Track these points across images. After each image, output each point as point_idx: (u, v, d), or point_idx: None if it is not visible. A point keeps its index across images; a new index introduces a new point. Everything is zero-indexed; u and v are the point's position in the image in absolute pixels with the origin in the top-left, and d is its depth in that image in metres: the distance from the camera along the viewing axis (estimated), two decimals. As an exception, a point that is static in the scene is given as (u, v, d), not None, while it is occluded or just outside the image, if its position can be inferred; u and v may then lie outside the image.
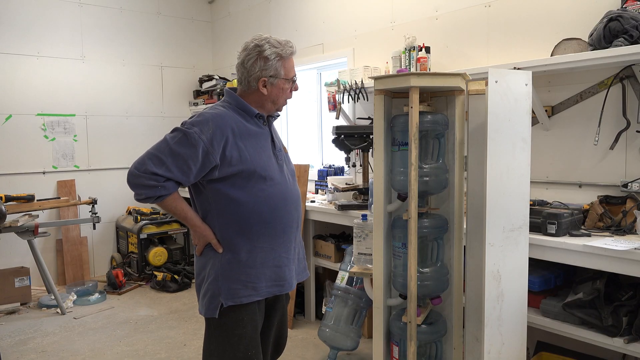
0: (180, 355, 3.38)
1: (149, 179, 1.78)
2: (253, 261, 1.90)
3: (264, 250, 1.91)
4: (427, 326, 2.08)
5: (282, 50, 1.90)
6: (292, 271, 2.03)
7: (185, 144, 1.78)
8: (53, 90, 4.97)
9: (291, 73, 1.95)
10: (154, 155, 1.80)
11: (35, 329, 3.87)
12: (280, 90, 1.94)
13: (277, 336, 2.13)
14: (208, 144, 1.78)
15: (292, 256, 2.02)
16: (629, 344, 2.11)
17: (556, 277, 2.52)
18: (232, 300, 1.87)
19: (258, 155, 1.88)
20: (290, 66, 1.94)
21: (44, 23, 4.89)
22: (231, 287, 1.87)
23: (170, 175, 1.79)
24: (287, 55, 1.92)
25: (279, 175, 1.94)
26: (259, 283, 1.90)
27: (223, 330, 1.89)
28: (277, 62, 1.89)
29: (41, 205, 4.28)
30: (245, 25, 5.43)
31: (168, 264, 5.02)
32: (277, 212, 1.92)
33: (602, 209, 2.48)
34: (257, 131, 1.92)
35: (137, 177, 1.79)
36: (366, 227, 2.42)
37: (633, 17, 2.35)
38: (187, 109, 5.84)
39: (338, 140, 3.36)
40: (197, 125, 1.80)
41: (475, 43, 3.26)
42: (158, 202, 1.84)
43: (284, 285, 1.98)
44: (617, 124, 2.60)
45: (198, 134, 1.78)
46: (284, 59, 1.91)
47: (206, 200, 1.91)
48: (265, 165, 1.89)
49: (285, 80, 1.93)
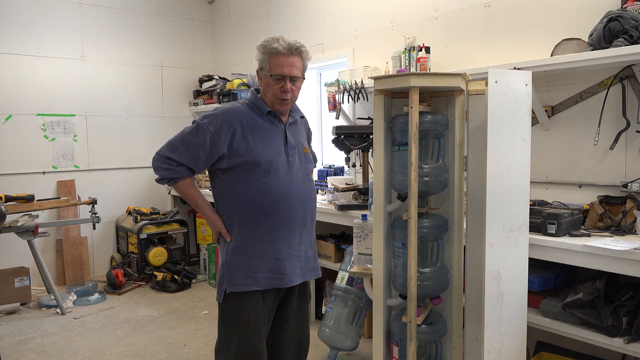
0: (180, 355, 3.38)
1: (164, 162, 2.02)
2: (254, 251, 2.00)
3: (264, 242, 2.00)
4: (427, 326, 2.08)
5: (267, 43, 1.98)
6: (295, 267, 2.07)
7: (196, 134, 1.98)
8: (53, 90, 4.97)
9: (275, 70, 1.97)
10: (171, 142, 2.03)
11: (35, 329, 3.87)
12: (267, 85, 2.02)
13: (298, 337, 2.17)
14: (215, 135, 1.95)
15: (296, 252, 2.07)
16: (628, 344, 2.11)
17: (556, 277, 2.52)
18: (233, 287, 1.99)
19: (265, 149, 1.99)
20: (275, 63, 1.97)
21: (44, 23, 4.89)
22: (234, 274, 2.00)
23: (181, 160, 2.00)
24: (272, 51, 1.96)
25: (286, 170, 2.03)
26: (259, 274, 2.00)
27: (227, 317, 2.01)
28: (262, 55, 2.00)
29: (41, 205, 4.28)
30: (245, 26, 5.43)
31: (168, 264, 5.02)
32: (278, 205, 2.00)
33: (602, 209, 2.48)
34: (269, 128, 2.04)
35: (156, 160, 2.04)
36: (366, 227, 2.42)
37: (633, 17, 2.34)
38: (187, 109, 5.84)
39: (338, 140, 3.36)
40: (208, 117, 1.99)
41: (475, 43, 3.26)
42: (171, 184, 2.06)
43: (283, 279, 2.04)
44: (617, 124, 2.60)
45: (207, 125, 1.96)
46: (268, 54, 1.98)
47: (218, 190, 2.08)
48: (271, 159, 1.99)
49: (270, 76, 1.99)
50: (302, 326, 2.19)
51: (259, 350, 1.97)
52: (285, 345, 2.12)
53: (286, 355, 2.13)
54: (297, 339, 2.16)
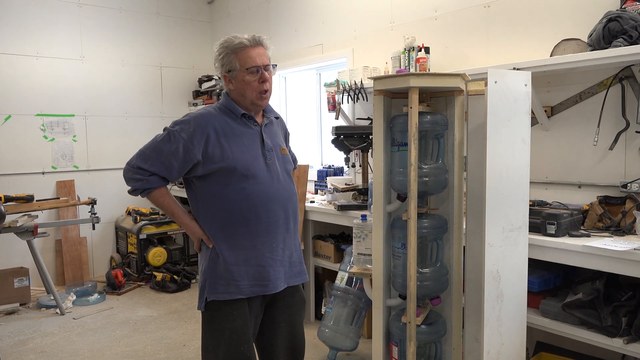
0: (179, 355, 3.38)
1: (135, 172, 1.94)
2: (235, 259, 1.95)
3: (246, 249, 1.95)
4: (426, 326, 2.08)
5: (229, 43, 1.95)
6: (279, 273, 2.02)
7: (168, 142, 1.90)
8: (52, 91, 4.96)
9: (248, 63, 1.93)
10: (142, 152, 1.95)
11: (34, 330, 3.87)
12: (243, 83, 1.95)
13: (290, 340, 2.11)
14: (188, 141, 1.88)
15: (279, 257, 2.02)
16: (628, 344, 2.11)
17: (555, 277, 2.52)
18: (215, 295, 1.94)
19: (241, 154, 1.93)
20: (245, 57, 1.93)
21: (43, 23, 4.88)
22: (215, 282, 1.95)
23: (153, 169, 1.92)
24: (237, 47, 1.93)
25: (265, 174, 1.97)
26: (242, 281, 1.95)
27: (213, 324, 1.95)
28: (228, 57, 1.94)
29: (40, 205, 4.28)
30: (245, 26, 5.43)
31: (167, 265, 5.02)
32: (258, 210, 1.95)
33: (601, 210, 2.48)
34: (244, 131, 1.98)
35: (127, 171, 1.96)
36: (366, 227, 2.42)
37: (632, 17, 2.35)
38: (186, 109, 5.84)
39: (337, 141, 3.36)
40: (180, 124, 1.92)
41: (474, 43, 3.26)
42: (145, 195, 1.98)
43: (268, 286, 1.99)
44: (617, 124, 2.60)
45: (179, 132, 1.90)
46: (236, 51, 1.93)
47: (195, 197, 2.01)
48: (248, 163, 1.94)
49: (245, 71, 1.94)
50: (295, 329, 2.13)
51: (247, 355, 1.93)
52: (278, 349, 2.08)
53: (280, 359, 2.09)
54: (289, 342, 2.11)
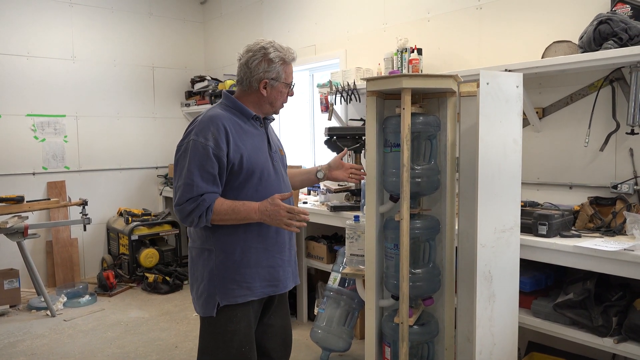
0: (171, 357, 3.36)
1: (187, 204, 1.83)
2: (247, 261, 1.94)
3: (258, 251, 1.95)
4: (419, 327, 2.08)
5: (285, 55, 1.98)
6: (288, 272, 2.06)
7: (196, 156, 1.83)
8: (43, 91, 4.92)
9: (290, 78, 2.02)
10: (180, 186, 1.85)
11: (24, 332, 3.84)
12: (279, 93, 2.00)
13: (281, 334, 2.14)
14: (215, 147, 1.83)
15: (287, 257, 2.06)
16: (618, 344, 2.13)
17: (547, 277, 2.54)
18: (228, 300, 1.92)
19: (256, 156, 1.93)
20: (290, 72, 2.02)
21: (34, 22, 4.85)
22: (227, 287, 1.92)
23: (200, 191, 1.83)
24: (290, 60, 2.00)
25: (274, 176, 1.99)
26: (254, 283, 1.95)
27: (216, 326, 1.94)
28: (279, 66, 1.96)
29: (31, 206, 4.24)
30: (238, 26, 5.42)
31: (159, 266, 4.99)
32: None
33: (592, 210, 2.50)
34: (254, 132, 1.98)
35: (180, 211, 1.86)
36: (358, 228, 2.43)
37: (622, 20, 2.37)
38: (178, 109, 5.81)
39: (330, 142, 3.36)
40: (198, 134, 1.85)
41: (467, 45, 3.28)
42: (210, 214, 1.84)
43: (279, 286, 2.02)
44: (607, 125, 2.63)
45: (204, 142, 1.83)
46: (286, 63, 1.99)
47: None
48: (262, 165, 1.94)
49: (285, 84, 2.00)
50: (285, 322, 2.16)
51: (249, 357, 1.94)
52: (272, 345, 2.10)
53: (274, 354, 2.11)
54: (281, 336, 2.13)
